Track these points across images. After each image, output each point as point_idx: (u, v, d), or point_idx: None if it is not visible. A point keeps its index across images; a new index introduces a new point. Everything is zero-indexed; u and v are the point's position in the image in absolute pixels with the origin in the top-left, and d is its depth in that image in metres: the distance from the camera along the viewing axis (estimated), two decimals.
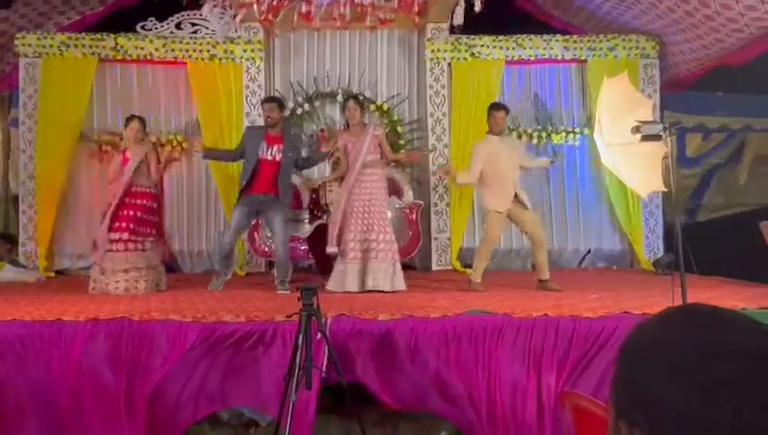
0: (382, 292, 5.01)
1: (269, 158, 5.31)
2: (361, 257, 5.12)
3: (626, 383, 0.75)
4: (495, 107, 5.34)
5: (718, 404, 0.66)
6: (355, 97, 5.59)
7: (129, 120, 5.45)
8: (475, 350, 3.72)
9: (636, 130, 3.44)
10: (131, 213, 5.21)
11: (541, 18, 7.49)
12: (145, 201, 5.30)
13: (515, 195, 5.18)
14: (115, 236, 5.17)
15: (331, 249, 5.17)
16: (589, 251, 7.22)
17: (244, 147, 5.43)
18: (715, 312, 0.74)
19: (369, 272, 5.09)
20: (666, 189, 3.83)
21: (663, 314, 0.78)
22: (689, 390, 0.68)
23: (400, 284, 5.14)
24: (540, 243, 5.27)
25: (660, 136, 3.44)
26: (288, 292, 5.01)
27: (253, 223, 6.05)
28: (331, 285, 5.11)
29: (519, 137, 6.94)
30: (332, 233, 5.20)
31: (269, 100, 5.60)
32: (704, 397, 0.67)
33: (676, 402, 0.68)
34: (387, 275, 5.12)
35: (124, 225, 5.18)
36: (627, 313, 3.92)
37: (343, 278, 5.09)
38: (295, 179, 6.91)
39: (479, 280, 5.24)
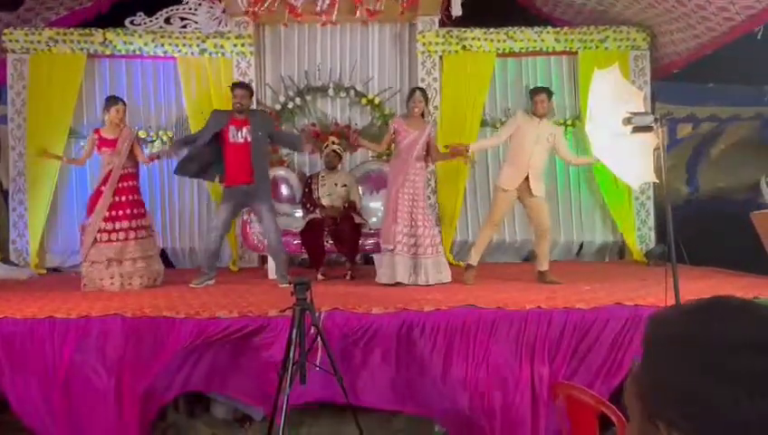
0: (430, 285, 5.03)
1: (240, 141, 5.27)
2: (408, 251, 5.14)
3: (656, 383, 0.72)
4: (535, 91, 5.35)
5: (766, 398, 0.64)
6: (421, 89, 5.61)
7: (112, 101, 5.35)
8: (468, 342, 3.72)
9: (627, 121, 3.44)
10: (124, 198, 5.18)
11: (532, 11, 7.49)
12: (133, 183, 5.29)
13: (527, 179, 5.17)
14: (109, 226, 5.11)
15: (388, 246, 5.15)
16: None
17: (209, 129, 5.35)
18: (741, 304, 0.73)
19: (422, 267, 5.12)
20: (657, 180, 3.84)
21: (686, 308, 0.75)
22: (733, 386, 0.66)
23: (448, 275, 5.21)
24: (543, 233, 5.28)
25: (651, 127, 3.44)
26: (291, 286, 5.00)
27: (239, 216, 6.04)
28: (382, 277, 5.13)
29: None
30: (389, 227, 5.17)
31: (241, 86, 5.52)
32: (751, 393, 0.65)
33: (721, 401, 0.66)
34: (436, 268, 5.18)
35: (121, 212, 5.14)
36: (619, 304, 3.94)
37: (393, 270, 5.10)
38: (288, 173, 6.92)
39: (474, 263, 5.25)
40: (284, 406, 2.98)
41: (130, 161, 5.30)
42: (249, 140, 5.26)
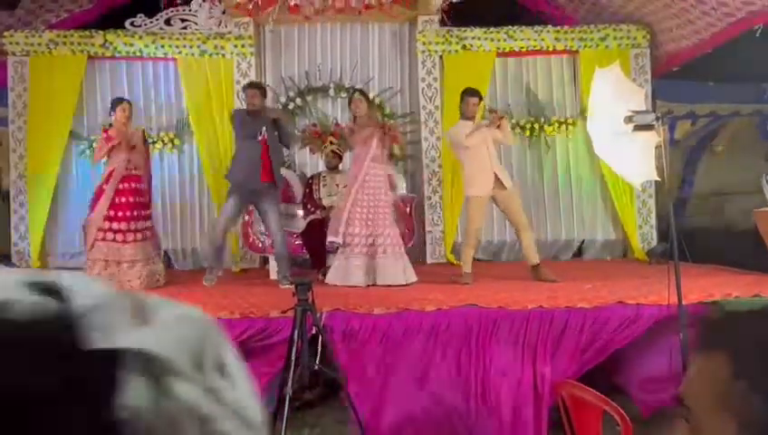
0: (391, 286, 4.99)
1: (257, 139, 5.24)
2: (366, 252, 5.12)
3: (757, 390, 0.66)
4: (467, 93, 5.39)
5: None
6: (360, 90, 5.61)
7: (117, 102, 5.34)
8: (470, 342, 3.72)
9: (629, 119, 3.44)
10: (125, 199, 5.13)
11: (531, 8, 7.48)
12: (137, 185, 5.25)
13: (495, 176, 5.19)
14: (106, 225, 5.07)
15: (335, 239, 5.14)
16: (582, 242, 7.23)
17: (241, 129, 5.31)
18: None
19: (378, 267, 5.10)
20: (659, 178, 3.83)
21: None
22: None
23: (412, 275, 5.16)
24: (523, 226, 5.27)
25: (653, 126, 3.44)
26: (292, 286, 5.00)
27: (245, 214, 6.02)
28: (333, 278, 5.10)
29: (512, 129, 6.93)
30: (338, 224, 5.17)
31: (252, 86, 5.52)
32: None
33: None
34: (398, 268, 5.13)
35: (120, 214, 5.09)
36: (621, 302, 3.94)
37: (347, 272, 5.08)
38: (289, 173, 6.92)
39: (469, 270, 5.24)
40: (286, 407, 2.98)
41: (136, 163, 5.26)
42: (265, 138, 5.23)
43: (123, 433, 0.22)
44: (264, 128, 5.21)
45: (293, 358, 3.00)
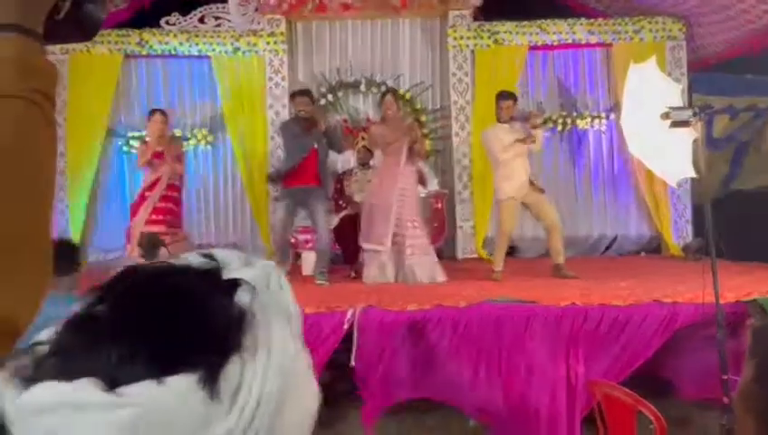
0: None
1: (315, 146, 5.28)
2: (396, 251, 5.14)
3: None
4: (502, 96, 5.38)
5: None
6: (393, 90, 5.62)
7: (151, 113, 5.54)
8: (503, 339, 3.72)
9: (666, 116, 3.39)
10: (164, 205, 5.34)
11: (566, 2, 7.39)
12: (175, 194, 5.44)
13: (530, 181, 5.18)
14: (145, 229, 5.25)
15: (380, 248, 5.15)
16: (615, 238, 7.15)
17: (294, 140, 5.35)
18: None
19: (407, 268, 5.12)
20: (696, 175, 3.78)
21: None
22: None
23: (441, 275, 5.16)
24: (554, 228, 5.25)
25: (690, 121, 3.39)
26: (327, 283, 5.05)
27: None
28: (370, 277, 5.14)
29: (545, 122, 6.88)
30: (384, 233, 5.16)
31: (301, 93, 5.50)
32: None
33: None
34: (425, 268, 5.15)
35: (161, 217, 5.29)
36: (657, 301, 3.90)
37: (383, 270, 5.11)
38: None
39: (501, 268, 5.23)
40: None
41: (175, 173, 5.48)
42: (316, 150, 5.26)
43: (237, 312, 0.46)
44: (316, 143, 5.25)
45: None
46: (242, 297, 0.47)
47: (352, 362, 3.37)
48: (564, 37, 7.05)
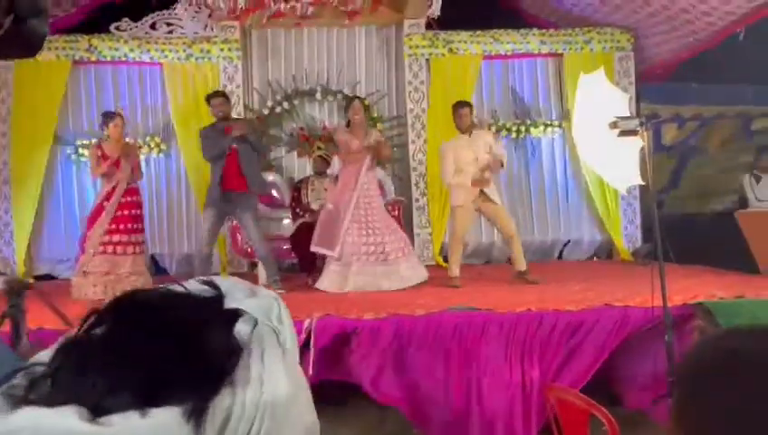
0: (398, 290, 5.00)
1: (234, 146, 5.19)
2: (374, 260, 5.12)
3: (726, 414, 0.65)
4: (459, 105, 5.44)
5: None
6: (360, 97, 5.64)
7: (109, 117, 5.36)
8: (459, 346, 3.75)
9: (614, 125, 3.47)
10: (126, 212, 5.19)
11: (518, 14, 7.53)
12: (135, 198, 5.31)
13: (481, 190, 5.24)
14: (107, 238, 5.12)
15: (330, 253, 5.14)
16: (567, 242, 7.30)
17: (207, 141, 5.29)
18: None
19: (392, 273, 5.11)
20: (644, 183, 3.88)
21: (741, 332, 0.71)
22: None
23: (424, 272, 5.27)
24: (512, 236, 5.33)
25: (637, 131, 3.48)
26: (283, 290, 4.95)
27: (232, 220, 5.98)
28: (328, 284, 5.09)
29: (498, 131, 6.98)
30: (334, 238, 5.14)
31: (216, 95, 5.46)
32: None
33: None
34: (416, 268, 5.25)
35: (122, 226, 5.15)
36: (608, 305, 3.99)
37: (344, 279, 5.07)
38: (276, 177, 6.92)
39: (457, 274, 5.27)
40: None
41: (133, 176, 5.33)
42: (234, 150, 5.18)
43: (237, 342, 0.46)
44: (235, 143, 5.15)
45: None
46: (241, 329, 0.47)
47: (309, 372, 3.35)
48: (518, 47, 7.18)
